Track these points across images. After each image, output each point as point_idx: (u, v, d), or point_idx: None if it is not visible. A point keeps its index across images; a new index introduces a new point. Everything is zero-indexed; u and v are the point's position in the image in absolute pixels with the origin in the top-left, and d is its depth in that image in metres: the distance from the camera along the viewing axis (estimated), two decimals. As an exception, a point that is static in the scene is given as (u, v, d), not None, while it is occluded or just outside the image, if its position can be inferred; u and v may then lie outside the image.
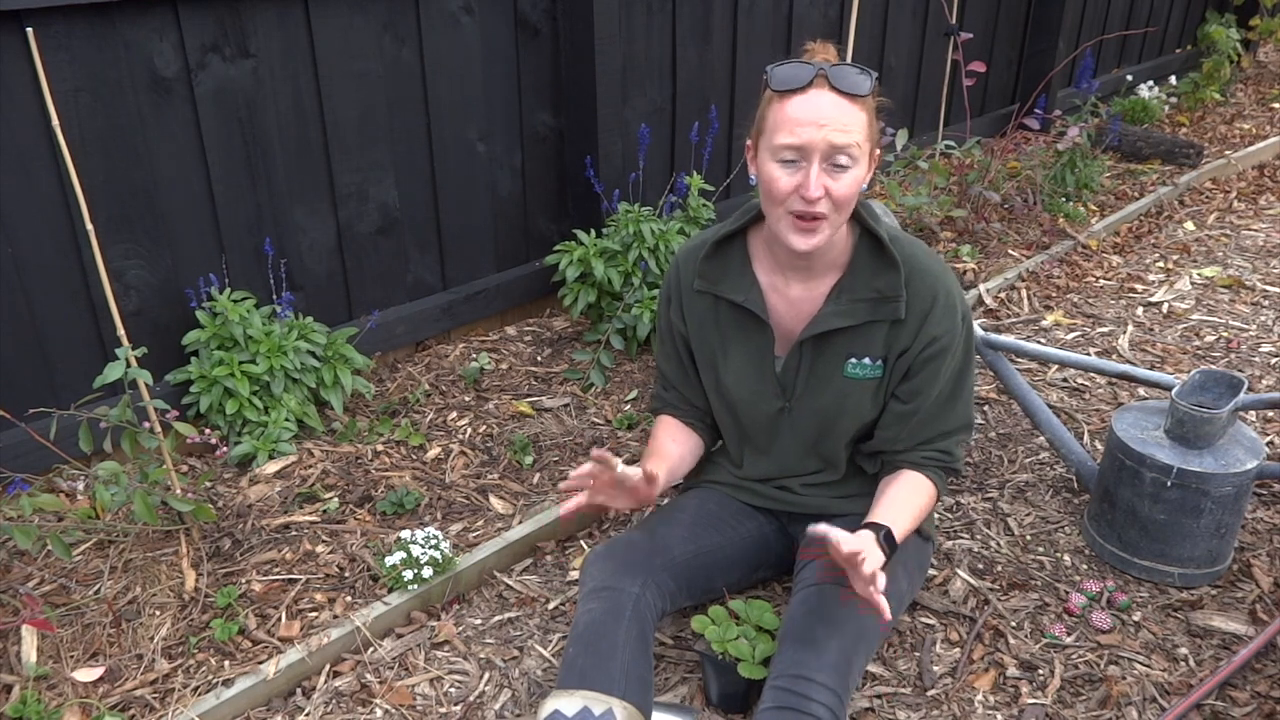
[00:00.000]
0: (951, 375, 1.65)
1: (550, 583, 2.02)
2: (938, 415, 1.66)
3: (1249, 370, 2.78)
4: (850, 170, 1.44)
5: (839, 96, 1.42)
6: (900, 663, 1.79)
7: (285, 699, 1.74)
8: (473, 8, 2.62)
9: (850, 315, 1.59)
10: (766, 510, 1.84)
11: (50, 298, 2.11)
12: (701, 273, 1.68)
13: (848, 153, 1.43)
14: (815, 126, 1.41)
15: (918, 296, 1.58)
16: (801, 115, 1.42)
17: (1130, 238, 3.75)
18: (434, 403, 2.61)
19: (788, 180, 1.45)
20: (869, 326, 1.60)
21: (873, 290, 1.58)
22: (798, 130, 1.42)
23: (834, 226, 1.50)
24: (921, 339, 1.59)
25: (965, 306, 1.64)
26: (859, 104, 1.44)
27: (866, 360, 1.62)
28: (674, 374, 1.81)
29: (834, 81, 1.42)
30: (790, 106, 1.43)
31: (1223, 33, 5.37)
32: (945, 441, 1.68)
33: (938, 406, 1.66)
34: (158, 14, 2.10)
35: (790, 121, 1.43)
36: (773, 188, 1.47)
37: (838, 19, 3.65)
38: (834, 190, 1.44)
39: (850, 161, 1.44)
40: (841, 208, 1.47)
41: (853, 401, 1.65)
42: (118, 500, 1.85)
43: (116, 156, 2.13)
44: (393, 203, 2.65)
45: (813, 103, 1.42)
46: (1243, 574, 2.00)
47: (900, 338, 1.60)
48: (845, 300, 1.59)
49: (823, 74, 1.43)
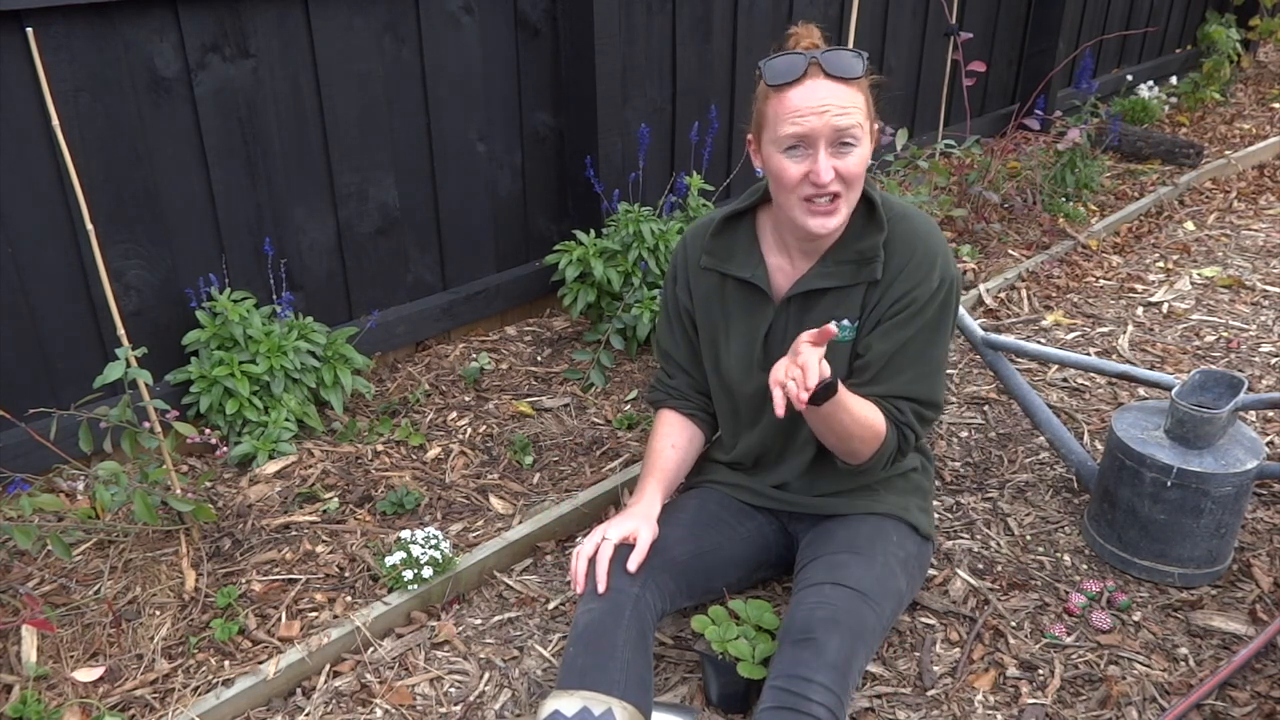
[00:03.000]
0: (919, 337, 1.60)
1: (550, 583, 2.02)
2: (896, 377, 1.60)
3: (1249, 370, 2.77)
4: (856, 149, 1.49)
5: (834, 81, 1.46)
6: (900, 663, 1.79)
7: (285, 699, 1.74)
8: (473, 8, 2.62)
9: (835, 277, 1.61)
10: (767, 510, 1.84)
11: (50, 298, 2.11)
12: (709, 250, 1.71)
13: (851, 134, 1.47)
14: (817, 114, 1.45)
15: (895, 256, 1.60)
16: (802, 105, 1.45)
17: (1130, 238, 3.75)
18: (434, 403, 2.61)
19: (797, 168, 1.49)
20: (851, 290, 1.62)
21: (855, 252, 1.61)
22: (800, 120, 1.46)
23: (849, 203, 1.53)
24: (891, 295, 1.60)
25: (950, 275, 1.61)
26: (854, 85, 1.48)
27: (845, 322, 1.64)
28: (681, 355, 1.82)
29: (827, 67, 1.46)
30: (789, 98, 1.46)
31: (1223, 33, 5.37)
32: (904, 403, 1.62)
33: (899, 369, 1.60)
34: (158, 14, 2.10)
35: (791, 112, 1.46)
36: (783, 177, 1.50)
37: (838, 19, 3.65)
38: (843, 170, 1.48)
39: (855, 141, 1.48)
40: (853, 185, 1.51)
41: (836, 368, 1.62)
42: (118, 500, 1.85)
43: (116, 156, 2.13)
44: (393, 203, 2.65)
45: (811, 91, 1.46)
46: (1243, 574, 2.00)
47: (873, 296, 1.62)
48: (831, 263, 1.62)
49: (815, 62, 1.46)
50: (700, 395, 1.84)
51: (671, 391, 1.85)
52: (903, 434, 1.65)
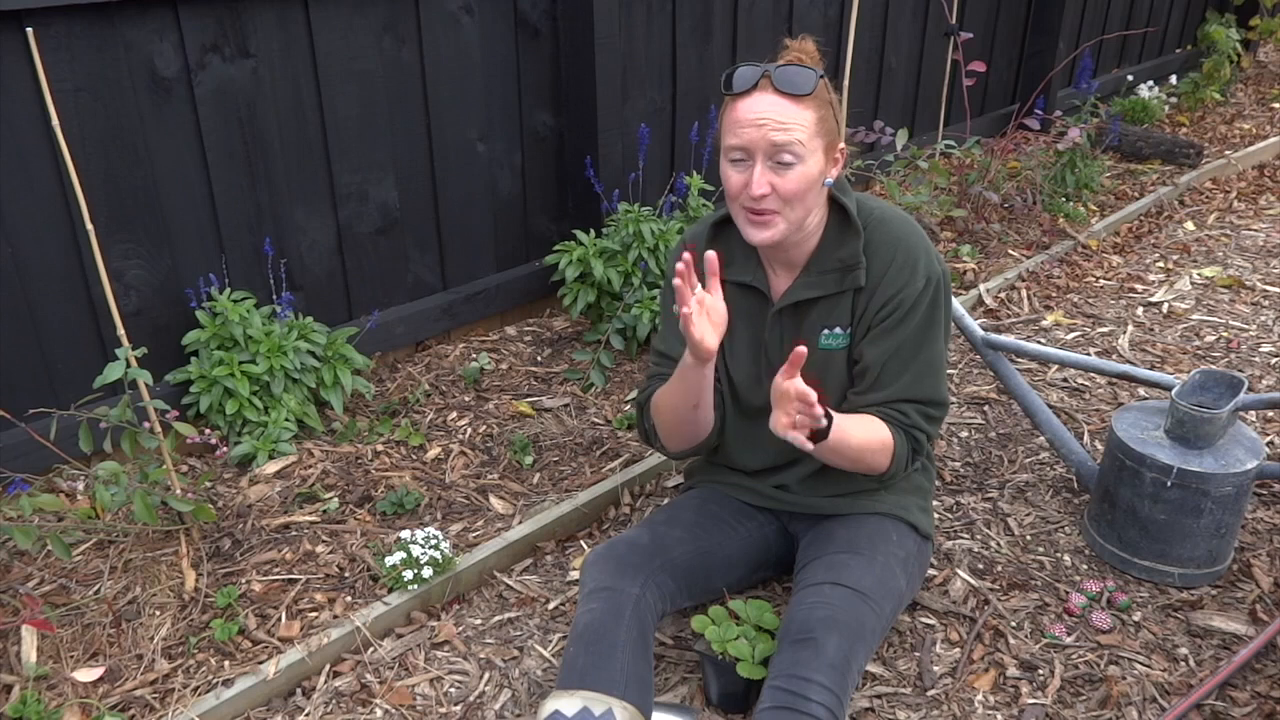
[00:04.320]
0: (912, 339, 1.60)
1: (550, 583, 2.02)
2: (896, 380, 1.61)
3: (1249, 370, 2.77)
4: (796, 167, 1.49)
5: (779, 96, 1.48)
6: (900, 663, 1.79)
7: (285, 699, 1.74)
8: (473, 8, 2.62)
9: (820, 286, 1.63)
10: (767, 510, 1.84)
11: (50, 298, 2.11)
12: None
13: (790, 150, 1.47)
14: (755, 127, 1.47)
15: (876, 258, 1.61)
16: (745, 116, 1.49)
17: (1130, 238, 3.75)
18: (434, 403, 2.61)
19: (738, 178, 1.52)
20: (839, 298, 1.63)
21: (836, 260, 1.62)
22: (739, 131, 1.49)
23: (790, 221, 1.54)
24: (878, 299, 1.61)
25: (935, 272, 1.61)
26: (803, 103, 1.48)
27: (838, 329, 1.65)
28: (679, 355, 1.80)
29: (776, 82, 1.48)
30: (738, 109, 1.50)
31: (1223, 33, 5.37)
32: (908, 407, 1.63)
33: (896, 372, 1.61)
34: (158, 14, 2.10)
35: (735, 123, 1.50)
36: (727, 185, 1.54)
37: (838, 19, 3.65)
38: (780, 186, 1.49)
39: (794, 159, 1.48)
40: (792, 202, 1.51)
41: (833, 375, 1.66)
42: (118, 500, 1.85)
43: (116, 156, 2.13)
44: (393, 203, 2.65)
45: (755, 103, 1.48)
46: (1243, 574, 2.00)
47: (860, 302, 1.63)
48: (814, 272, 1.64)
49: (767, 76, 1.48)
50: None
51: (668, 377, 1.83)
52: (912, 437, 1.65)
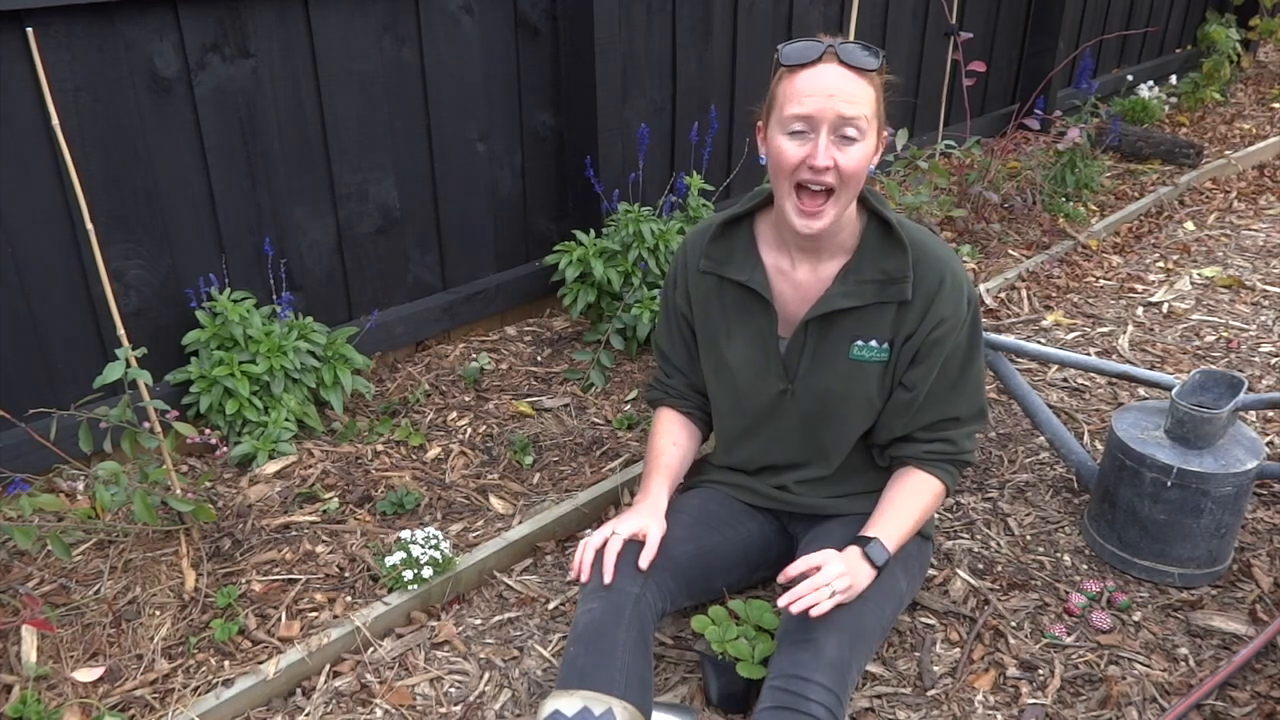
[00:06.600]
0: (958, 361, 1.66)
1: (550, 583, 2.02)
2: (942, 401, 1.67)
3: (1249, 370, 2.77)
4: (858, 143, 1.48)
5: (847, 70, 1.47)
6: (900, 663, 1.79)
7: (285, 699, 1.74)
8: (473, 8, 2.62)
9: (858, 296, 1.61)
10: (767, 510, 1.84)
11: (50, 298, 2.11)
12: (707, 254, 1.71)
13: (855, 124, 1.47)
14: (824, 96, 1.46)
15: (925, 278, 1.60)
16: (810, 87, 1.47)
17: (1130, 238, 3.75)
18: (434, 403, 2.61)
19: (796, 150, 1.49)
20: (876, 309, 1.62)
21: (880, 272, 1.61)
22: (806, 100, 1.46)
23: (840, 205, 1.53)
24: (928, 321, 1.61)
25: (972, 292, 1.66)
26: (866, 79, 1.48)
27: (873, 342, 1.63)
28: (678, 357, 1.83)
29: (842, 55, 1.47)
30: (800, 80, 1.48)
31: (1223, 33, 5.37)
32: (952, 431, 1.68)
33: (943, 391, 1.66)
34: (158, 14, 2.10)
35: (799, 93, 1.47)
36: (781, 159, 1.50)
37: (838, 19, 3.65)
38: (842, 163, 1.48)
39: (858, 134, 1.47)
40: (849, 182, 1.50)
41: (859, 386, 1.66)
42: (118, 500, 1.85)
43: (116, 156, 2.13)
44: (393, 203, 2.65)
45: (821, 75, 1.47)
46: (1243, 574, 2.00)
47: (907, 320, 1.62)
48: (853, 281, 1.61)
49: (832, 49, 1.48)
50: (697, 394, 1.85)
51: (670, 390, 1.86)
52: (953, 464, 1.71)
